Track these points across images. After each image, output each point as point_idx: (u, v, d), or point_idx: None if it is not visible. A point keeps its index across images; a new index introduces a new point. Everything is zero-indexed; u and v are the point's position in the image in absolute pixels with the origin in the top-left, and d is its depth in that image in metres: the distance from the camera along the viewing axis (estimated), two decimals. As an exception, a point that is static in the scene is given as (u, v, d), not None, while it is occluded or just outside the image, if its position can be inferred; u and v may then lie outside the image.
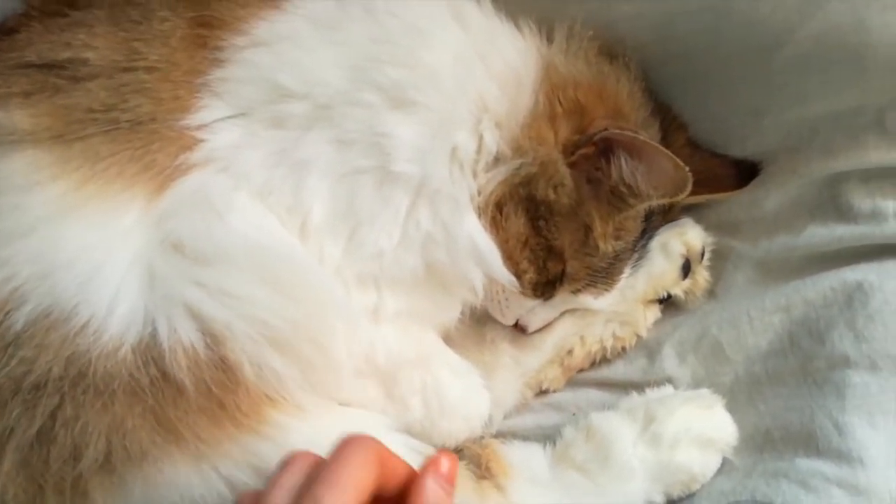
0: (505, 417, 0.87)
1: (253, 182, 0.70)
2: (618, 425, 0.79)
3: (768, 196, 0.86)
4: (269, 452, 0.66)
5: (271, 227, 0.70)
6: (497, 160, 0.75)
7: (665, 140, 0.83)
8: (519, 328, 0.86)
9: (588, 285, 0.82)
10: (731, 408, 0.79)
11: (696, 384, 0.82)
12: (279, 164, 0.71)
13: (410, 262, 0.74)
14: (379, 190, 0.72)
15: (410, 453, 0.72)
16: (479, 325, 0.87)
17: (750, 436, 0.78)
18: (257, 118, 0.71)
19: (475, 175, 0.75)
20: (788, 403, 0.76)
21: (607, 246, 0.78)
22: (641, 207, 0.78)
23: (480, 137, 0.75)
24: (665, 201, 0.76)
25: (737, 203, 0.87)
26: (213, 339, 0.66)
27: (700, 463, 0.77)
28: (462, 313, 0.82)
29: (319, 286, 0.71)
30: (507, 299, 0.83)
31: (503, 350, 0.87)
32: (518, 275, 0.78)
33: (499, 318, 0.86)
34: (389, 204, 0.72)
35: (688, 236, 0.87)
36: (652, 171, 0.72)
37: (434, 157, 0.73)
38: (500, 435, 0.84)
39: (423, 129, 0.72)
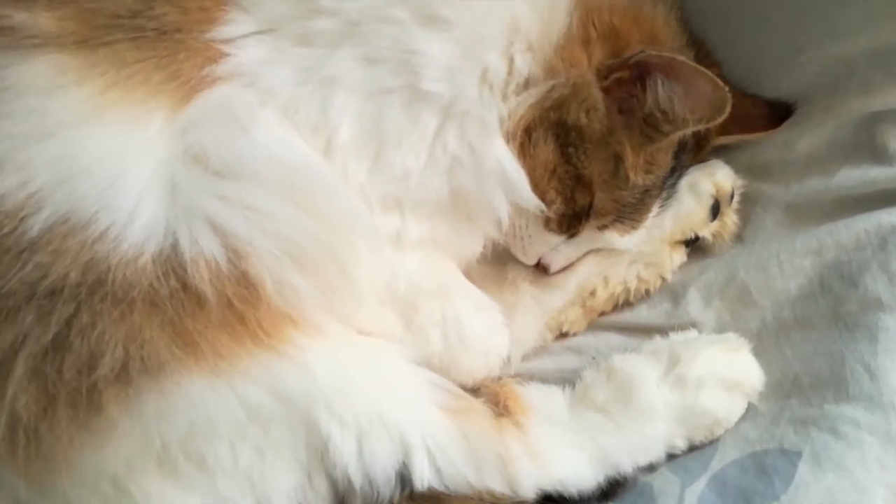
0: (524, 359, 0.88)
1: (279, 98, 0.70)
2: (641, 366, 0.78)
3: (801, 137, 0.85)
4: (287, 372, 0.66)
5: (296, 144, 0.70)
6: (528, 83, 0.75)
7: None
8: (541, 268, 0.86)
9: (615, 221, 0.81)
10: (758, 353, 0.78)
11: (722, 329, 0.82)
12: (306, 82, 0.70)
13: (436, 185, 0.74)
14: (407, 109, 0.72)
15: (429, 387, 0.73)
16: (499, 265, 0.87)
17: (777, 382, 0.77)
18: (285, 34, 0.70)
19: (505, 98, 0.75)
20: (818, 348, 0.76)
21: (637, 178, 0.78)
22: (675, 136, 0.77)
23: (511, 59, 0.74)
24: (702, 126, 0.76)
25: (768, 145, 0.87)
26: (235, 253, 0.65)
27: (725, 406, 0.76)
28: (484, 248, 0.82)
29: (344, 205, 0.71)
30: (530, 236, 0.83)
31: (524, 290, 0.87)
32: (545, 206, 0.78)
33: (521, 257, 0.85)
34: (417, 124, 0.72)
35: (718, 176, 0.87)
36: (690, 93, 0.72)
37: (464, 77, 0.72)
38: (519, 376, 0.84)
39: (453, 47, 0.72)
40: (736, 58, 0.87)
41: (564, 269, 0.86)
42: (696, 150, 0.86)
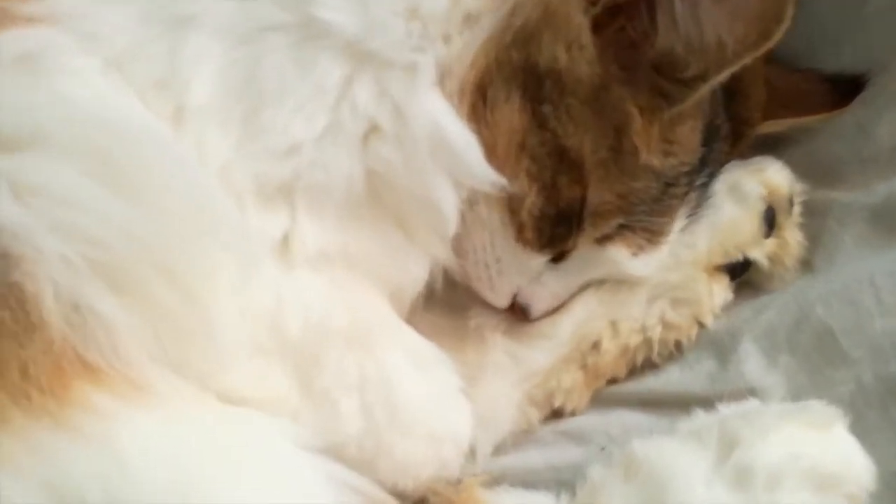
0: (497, 451, 0.67)
1: (109, 46, 0.56)
2: (678, 454, 0.57)
3: (880, 120, 0.69)
4: (75, 459, 0.46)
5: (122, 102, 0.55)
6: (479, 17, 0.58)
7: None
8: (517, 311, 0.64)
9: (622, 230, 0.61)
10: (857, 430, 0.58)
11: (796, 397, 0.63)
12: (149, 23, 0.57)
13: (343, 164, 0.57)
14: (296, 52, 0.56)
15: (333, 490, 0.54)
16: (457, 309, 0.67)
17: (892, 474, 0.58)
18: None
19: (447, 39, 0.57)
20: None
21: (651, 159, 0.58)
22: (704, 90, 0.57)
23: None
24: (749, 56, 0.54)
25: (834, 135, 0.71)
26: (3, 255, 0.49)
27: (820, 515, 0.57)
28: (432, 280, 0.63)
29: (191, 190, 0.53)
30: (498, 260, 0.61)
31: (494, 343, 0.67)
32: (513, 202, 0.58)
33: (487, 295, 0.64)
34: (310, 73, 0.56)
35: (768, 174, 0.67)
36: (724, 3, 0.52)
37: (382, 8, 0.56)
38: (490, 477, 0.64)
39: None
40: None
41: (552, 312, 0.66)
42: (733, 140, 0.67)
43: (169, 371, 0.51)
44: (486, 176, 0.57)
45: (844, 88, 0.70)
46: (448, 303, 0.68)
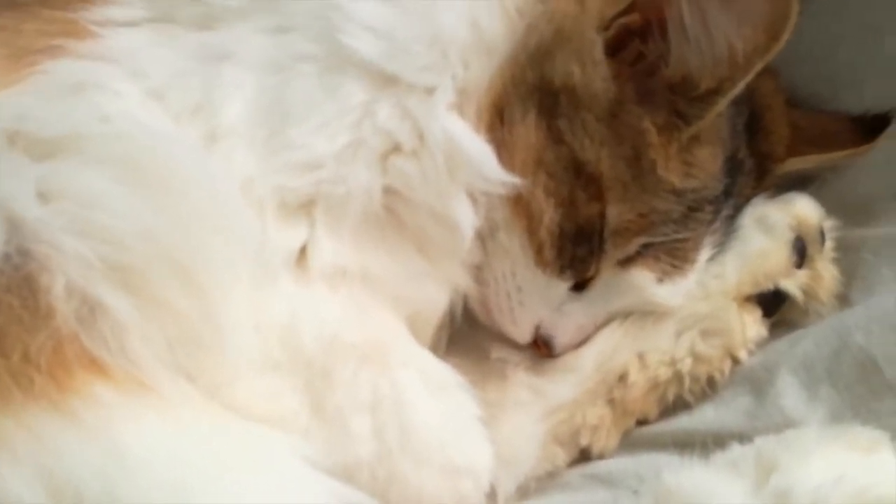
0: (521, 496, 0.64)
1: (151, 79, 0.59)
2: (712, 482, 0.53)
3: None
4: (75, 449, 0.45)
5: (155, 119, 0.57)
6: (495, 41, 0.59)
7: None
8: (540, 346, 0.62)
9: (646, 252, 0.60)
10: None
11: None
12: (190, 59, 0.60)
13: (362, 180, 0.57)
14: (322, 78, 0.58)
15: None
16: (476, 341, 0.65)
17: None
18: (182, 19, 0.61)
19: (466, 65, 0.59)
20: None
21: (671, 177, 0.57)
22: (720, 105, 0.57)
23: (473, 14, 0.59)
24: (760, 61, 0.54)
25: (863, 171, 0.70)
26: (20, 250, 0.49)
27: (868, 543, 0.51)
28: (452, 309, 0.62)
29: (213, 199, 0.54)
30: (519, 288, 0.60)
31: (516, 378, 0.64)
32: (532, 221, 0.57)
33: (509, 329, 0.62)
34: (334, 94, 0.58)
35: (795, 205, 0.65)
36: (730, 8, 0.53)
37: (405, 36, 0.58)
38: None
39: (390, 7, 0.59)
40: (800, 58, 0.68)
41: (577, 346, 0.63)
42: (757, 175, 0.67)
43: (178, 376, 0.50)
44: (500, 179, 0.57)
45: (870, 126, 0.70)
46: (468, 344, 0.66)
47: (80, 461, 0.45)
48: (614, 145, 0.59)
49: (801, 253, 0.64)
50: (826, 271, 0.66)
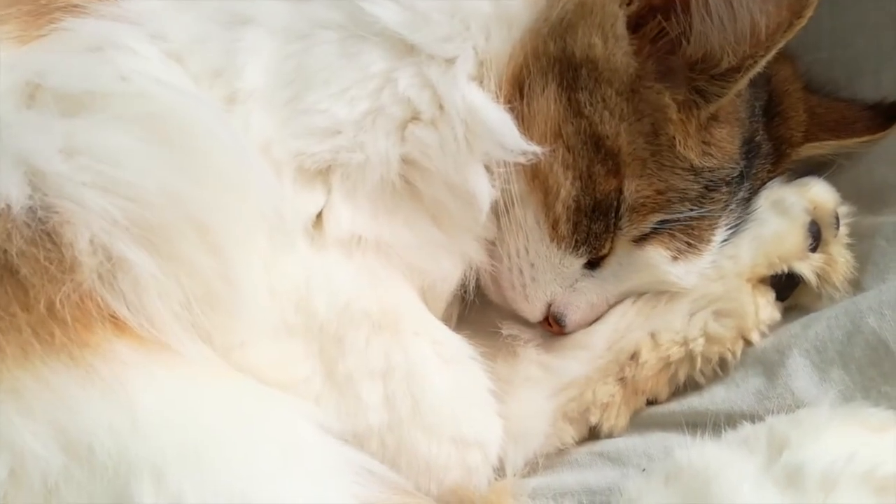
0: (529, 472, 0.64)
1: (172, 41, 0.60)
2: (724, 458, 0.54)
3: None
4: (91, 403, 0.47)
5: (176, 79, 0.57)
6: (518, 13, 0.60)
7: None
8: (552, 324, 0.63)
9: (662, 230, 0.61)
10: None
11: None
12: (210, 22, 0.60)
13: (381, 147, 0.58)
14: (343, 45, 0.59)
15: (349, 471, 0.52)
16: (487, 318, 0.66)
17: None
18: None
19: (487, 36, 0.60)
20: None
21: (690, 154, 0.58)
22: (741, 83, 0.58)
23: None
24: (782, 39, 0.55)
25: (879, 159, 0.71)
26: (45, 206, 0.50)
27: (879, 519, 0.54)
28: (465, 285, 0.63)
29: (233, 156, 0.55)
30: (532, 264, 0.61)
31: (527, 355, 0.65)
32: (548, 195, 0.58)
33: (521, 306, 0.63)
34: (355, 61, 0.58)
35: (811, 189, 0.66)
36: None
37: (427, 6, 0.58)
38: (520, 489, 0.61)
39: None
40: (819, 45, 0.72)
41: (588, 324, 0.64)
42: (774, 159, 0.68)
43: (194, 335, 0.51)
44: (521, 147, 0.57)
45: (886, 113, 0.71)
46: (480, 320, 0.67)
47: (94, 418, 0.46)
48: (634, 120, 0.59)
49: (816, 237, 0.65)
50: (840, 256, 0.67)
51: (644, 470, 0.62)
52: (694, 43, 0.58)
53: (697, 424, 0.63)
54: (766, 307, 0.64)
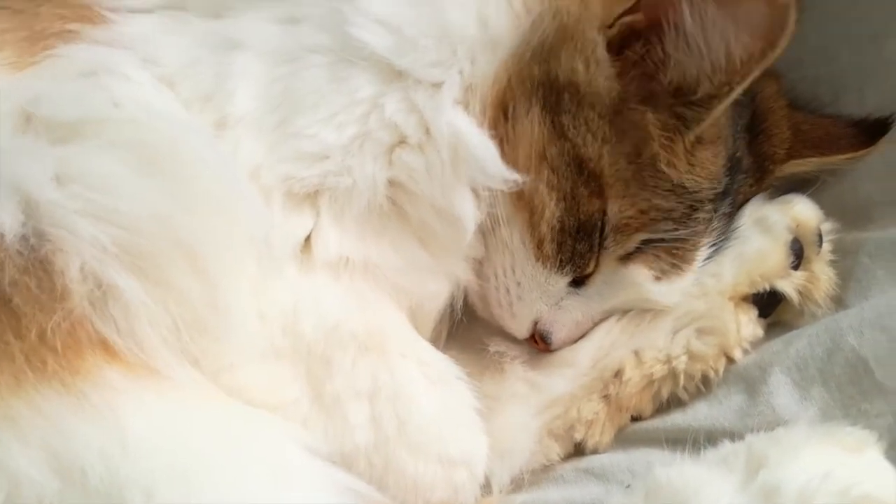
0: (515, 488, 0.66)
1: (163, 66, 0.62)
2: (702, 477, 0.55)
3: None
4: (82, 429, 0.48)
5: (166, 105, 0.59)
6: (502, 38, 0.62)
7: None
8: (538, 341, 0.65)
9: (646, 249, 0.62)
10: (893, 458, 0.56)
11: None
12: (201, 47, 0.62)
13: (368, 171, 0.59)
14: (331, 70, 0.61)
15: (335, 492, 0.53)
16: (474, 336, 0.67)
17: None
18: (195, 6, 0.64)
19: (473, 60, 0.61)
20: None
21: (673, 173, 0.60)
22: (721, 107, 0.59)
23: (480, 10, 0.62)
24: (759, 66, 0.56)
25: (863, 175, 0.72)
26: (37, 233, 0.52)
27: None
28: (453, 303, 0.65)
29: (222, 183, 0.56)
30: (518, 283, 0.63)
31: (514, 372, 0.67)
32: (533, 216, 0.60)
33: (508, 324, 0.65)
34: (343, 86, 0.60)
35: (794, 207, 0.68)
36: (730, 16, 0.55)
37: (414, 32, 0.60)
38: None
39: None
40: (802, 63, 0.72)
41: (573, 341, 0.66)
42: (757, 175, 0.69)
43: (183, 360, 0.52)
44: (502, 175, 0.59)
45: (870, 130, 0.71)
46: (467, 337, 0.68)
47: (86, 443, 0.47)
48: (616, 142, 0.61)
49: (799, 254, 0.67)
50: (822, 273, 0.68)
51: (628, 486, 0.62)
52: (672, 69, 0.59)
53: (680, 441, 0.65)
54: (748, 325, 0.66)
